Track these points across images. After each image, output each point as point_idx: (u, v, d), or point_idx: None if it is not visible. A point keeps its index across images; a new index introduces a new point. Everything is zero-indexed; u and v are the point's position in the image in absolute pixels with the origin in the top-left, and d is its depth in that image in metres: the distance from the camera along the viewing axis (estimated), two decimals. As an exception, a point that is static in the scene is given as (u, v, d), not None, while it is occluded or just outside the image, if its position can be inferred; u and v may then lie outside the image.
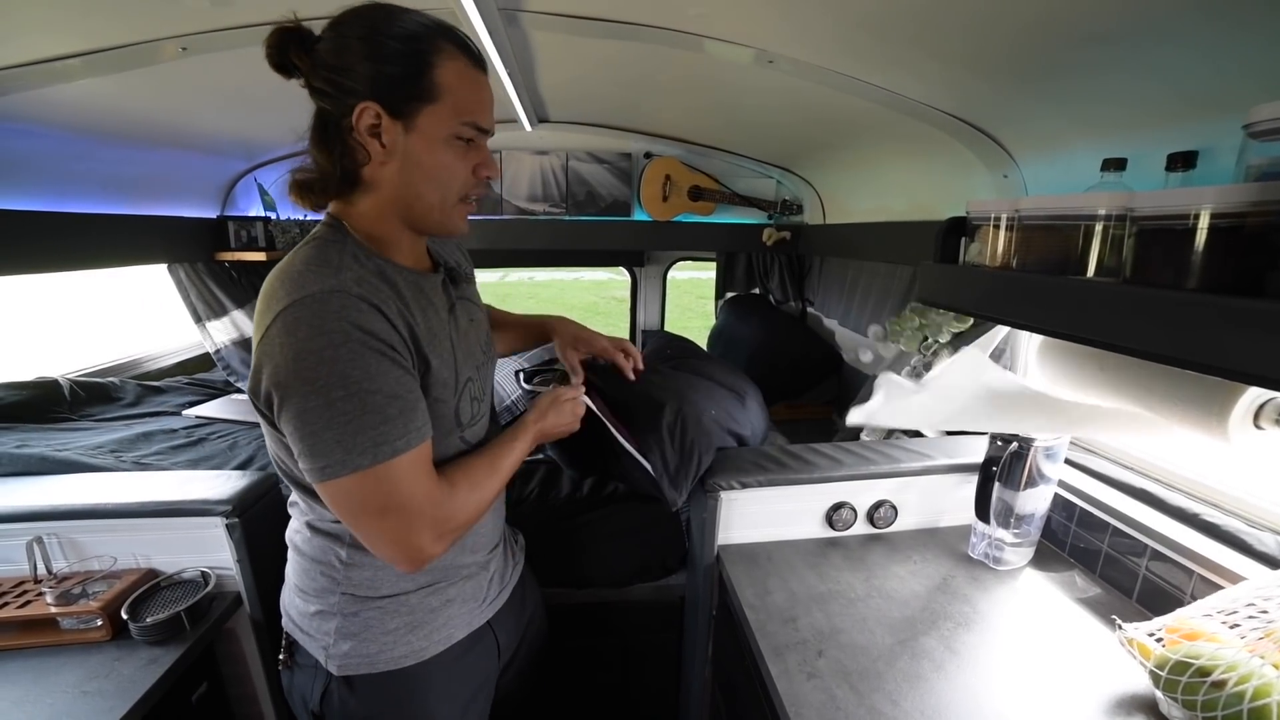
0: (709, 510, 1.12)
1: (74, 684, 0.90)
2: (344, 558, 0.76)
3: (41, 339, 2.15)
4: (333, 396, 0.58)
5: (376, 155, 0.65)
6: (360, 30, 0.62)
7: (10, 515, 1.05)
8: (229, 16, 1.01)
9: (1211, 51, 0.69)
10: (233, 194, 2.22)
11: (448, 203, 0.69)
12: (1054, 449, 1.02)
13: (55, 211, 1.49)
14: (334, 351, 0.58)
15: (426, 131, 0.65)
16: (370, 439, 0.60)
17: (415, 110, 0.64)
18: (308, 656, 0.79)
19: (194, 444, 1.58)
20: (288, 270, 0.64)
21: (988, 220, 0.90)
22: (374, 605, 0.76)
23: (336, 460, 0.60)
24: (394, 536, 0.65)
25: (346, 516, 0.65)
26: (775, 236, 2.28)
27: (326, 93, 0.63)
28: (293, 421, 0.60)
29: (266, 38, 0.63)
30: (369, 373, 0.60)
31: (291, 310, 0.59)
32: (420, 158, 0.65)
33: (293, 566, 0.81)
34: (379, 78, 0.62)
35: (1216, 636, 0.73)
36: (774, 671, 0.82)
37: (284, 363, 0.59)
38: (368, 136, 0.63)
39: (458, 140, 0.67)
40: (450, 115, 0.65)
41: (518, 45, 1.24)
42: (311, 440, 0.60)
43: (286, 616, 0.83)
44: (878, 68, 1.11)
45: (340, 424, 0.59)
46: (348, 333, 0.59)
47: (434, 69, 0.63)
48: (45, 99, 1.16)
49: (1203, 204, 0.57)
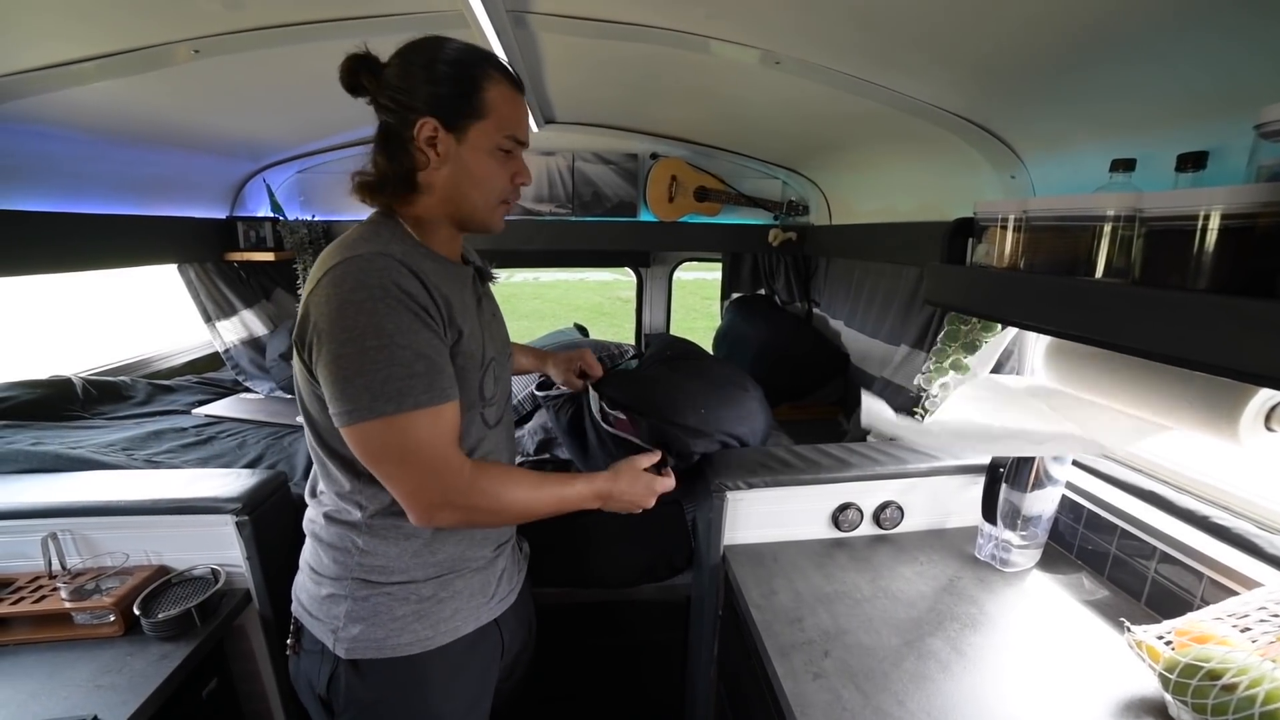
0: (715, 510, 1.12)
1: (88, 678, 0.91)
2: (360, 545, 0.78)
3: (55, 338, 2.17)
4: (366, 345, 0.65)
5: (433, 162, 0.74)
6: (422, 58, 0.73)
7: (26, 511, 1.07)
8: (241, 19, 1.02)
9: (1222, 51, 0.68)
10: (242, 195, 2.24)
11: (490, 204, 0.79)
12: (1062, 450, 1.01)
13: (69, 213, 1.51)
14: (373, 305, 0.65)
15: (475, 143, 0.75)
16: (397, 389, 0.66)
17: (467, 125, 0.74)
18: (314, 641, 0.81)
19: (204, 442, 1.60)
20: (343, 240, 0.73)
21: (995, 221, 0.90)
22: (384, 590, 0.79)
23: (364, 405, 0.66)
24: (409, 486, 0.70)
25: (368, 460, 0.70)
26: (781, 237, 2.28)
27: (391, 109, 0.74)
28: (329, 366, 0.66)
29: (341, 63, 0.74)
30: (402, 328, 0.66)
31: (341, 266, 0.67)
32: (469, 165, 0.75)
33: (308, 551, 0.84)
34: (437, 97, 0.72)
35: (1227, 640, 0.72)
36: (780, 671, 0.82)
37: (327, 311, 0.66)
38: (426, 146, 0.73)
39: (500, 151, 0.77)
40: (495, 130, 0.75)
41: (525, 47, 1.24)
42: (343, 384, 0.66)
43: (296, 602, 0.85)
44: (884, 68, 1.11)
45: (370, 371, 0.65)
46: (387, 289, 0.66)
47: (483, 91, 0.74)
48: (60, 102, 1.18)
49: (1213, 204, 0.57)
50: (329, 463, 0.77)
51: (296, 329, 0.70)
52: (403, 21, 1.08)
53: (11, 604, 1.00)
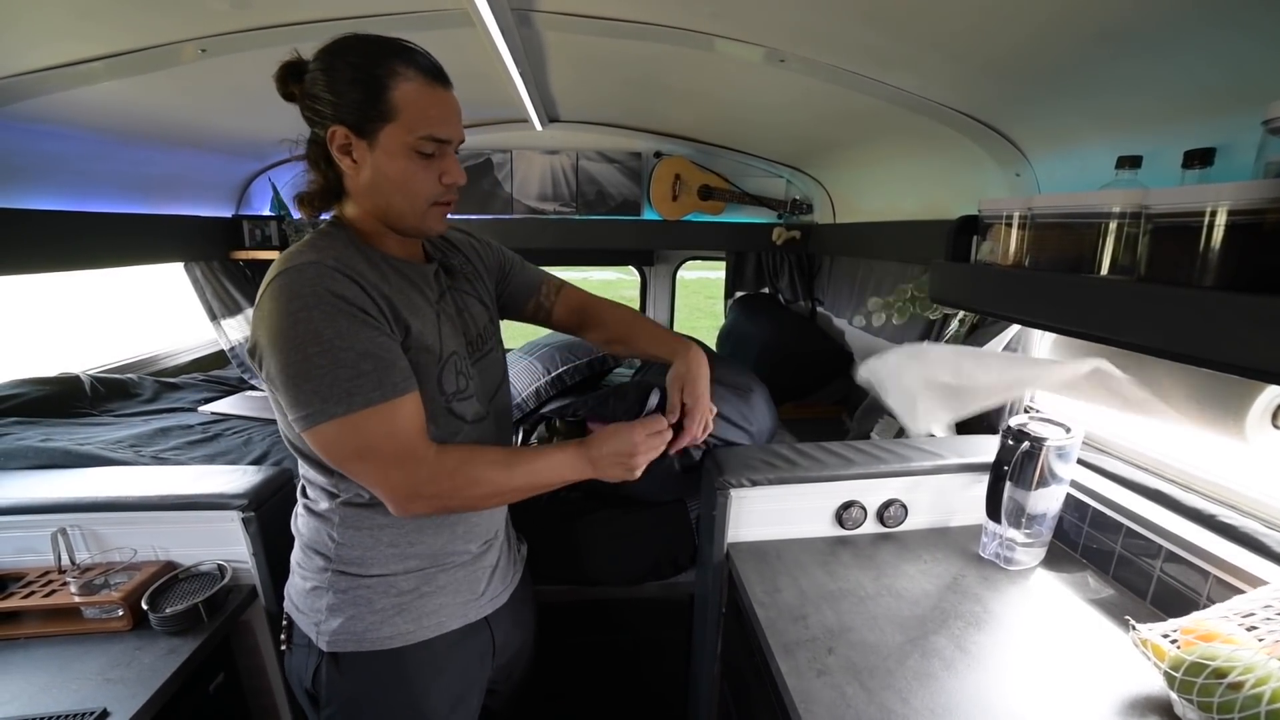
0: (718, 508, 1.12)
1: (97, 671, 0.92)
2: (335, 537, 0.80)
3: (64, 336, 2.19)
4: (309, 352, 0.65)
5: (350, 170, 0.73)
6: (323, 63, 0.71)
7: (36, 507, 1.08)
8: (248, 18, 1.03)
9: (1230, 46, 0.68)
10: (247, 194, 2.25)
11: (417, 208, 0.75)
12: (1066, 448, 1.01)
13: (77, 211, 1.52)
14: (308, 313, 0.65)
15: (388, 147, 0.71)
16: (345, 390, 0.66)
17: (377, 129, 0.70)
18: (302, 636, 0.82)
19: (210, 439, 1.61)
20: (285, 254, 0.72)
21: (1000, 218, 0.90)
22: (363, 584, 0.80)
23: (316, 409, 0.66)
24: (374, 479, 0.71)
25: (332, 461, 0.72)
26: (785, 236, 2.27)
27: (311, 118, 0.73)
28: (277, 377, 0.67)
29: (278, 71, 0.73)
30: (340, 332, 0.66)
31: (277, 280, 0.67)
32: (385, 170, 0.72)
33: (295, 547, 0.86)
34: (343, 103, 0.70)
35: (1233, 638, 0.72)
36: (784, 668, 0.83)
37: (268, 325, 0.66)
38: (340, 154, 0.72)
39: (418, 153, 0.72)
40: (406, 131, 0.70)
41: (530, 45, 1.25)
42: (294, 392, 0.67)
43: (287, 599, 0.86)
44: (889, 65, 1.10)
45: (316, 376, 0.66)
46: (321, 296, 0.66)
47: (388, 90, 0.69)
48: (68, 101, 1.19)
49: (1221, 201, 0.56)
50: (300, 460, 0.80)
51: (248, 345, 0.71)
52: (408, 20, 1.08)
53: (22, 598, 1.01)
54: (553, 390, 1.82)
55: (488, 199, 2.33)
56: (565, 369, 1.83)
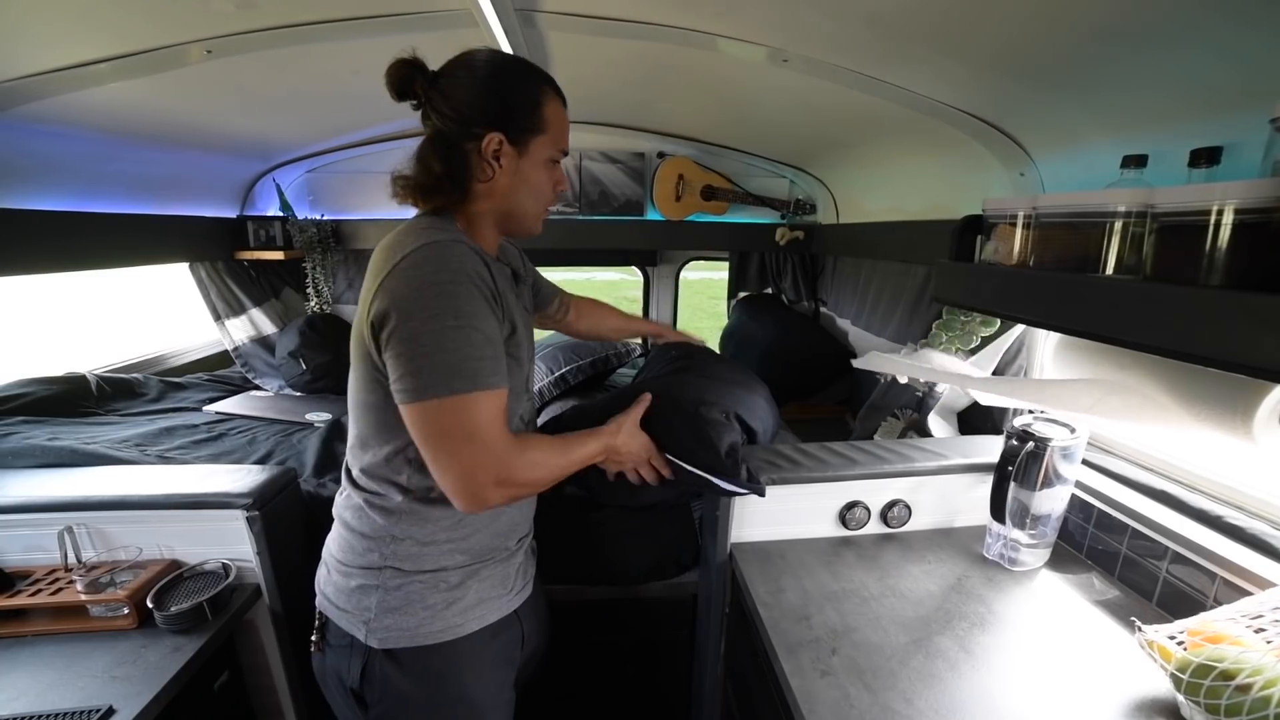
0: (721, 508, 1.12)
1: (103, 669, 0.93)
2: (396, 533, 0.80)
3: (70, 336, 2.20)
4: (445, 324, 0.67)
5: (494, 173, 0.78)
6: (487, 73, 0.77)
7: (43, 505, 1.08)
8: (253, 19, 1.04)
9: (1237, 45, 0.68)
10: (252, 194, 2.26)
11: (539, 211, 0.85)
12: (1071, 449, 1.01)
13: (83, 212, 1.53)
14: (454, 287, 0.68)
15: (534, 156, 0.80)
16: (471, 369, 0.68)
17: (528, 139, 0.79)
18: (342, 635, 0.81)
19: (215, 439, 1.62)
20: (409, 230, 0.74)
21: (1005, 218, 0.89)
22: (417, 579, 0.80)
23: (440, 381, 0.67)
24: (466, 466, 0.70)
25: (430, 437, 0.70)
26: (788, 236, 2.27)
27: (451, 118, 0.76)
28: (405, 342, 0.67)
29: (391, 67, 0.75)
30: (477, 312, 0.70)
31: (421, 250, 0.69)
32: (527, 176, 0.80)
33: (338, 543, 0.84)
34: (504, 113, 0.76)
35: (1241, 640, 0.71)
36: (787, 669, 0.82)
37: (409, 292, 0.68)
38: (491, 158, 0.77)
39: (551, 162, 0.83)
40: (551, 144, 0.81)
41: (534, 45, 1.25)
42: (421, 360, 0.67)
43: (321, 596, 0.85)
44: (892, 65, 1.10)
45: (449, 349, 0.67)
46: (467, 273, 0.70)
47: (542, 107, 0.79)
48: (77, 103, 1.20)
49: (1227, 199, 0.56)
50: (379, 447, 0.78)
51: (368, 311, 0.70)
52: (413, 21, 1.08)
53: (30, 596, 1.02)
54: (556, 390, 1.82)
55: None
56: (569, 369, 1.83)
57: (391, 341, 0.69)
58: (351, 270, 2.49)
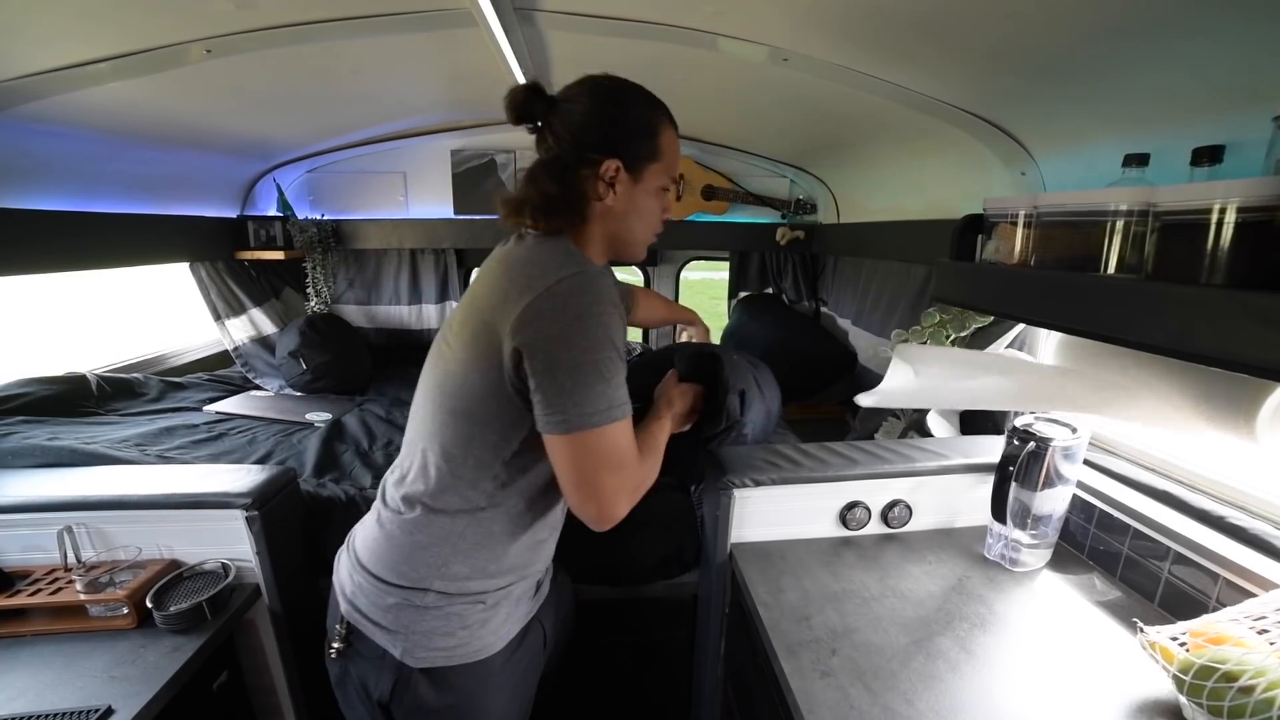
0: (722, 508, 1.12)
1: (103, 669, 0.93)
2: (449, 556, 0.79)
3: (71, 335, 2.21)
4: (603, 355, 0.68)
5: (609, 198, 0.79)
6: (609, 100, 0.78)
7: (43, 505, 1.08)
8: (252, 19, 1.04)
9: (1239, 43, 0.67)
10: (252, 194, 2.26)
11: (647, 237, 0.85)
12: (1072, 449, 1.00)
13: (83, 212, 1.53)
14: (608, 320, 0.70)
15: (648, 184, 0.81)
16: (620, 398, 0.71)
17: (644, 167, 0.79)
18: (374, 649, 0.80)
19: (215, 439, 1.62)
20: (544, 252, 0.75)
21: (1006, 217, 0.89)
22: (460, 601, 0.80)
23: (600, 412, 0.68)
24: (610, 491, 0.71)
25: (583, 467, 0.70)
26: (789, 235, 2.27)
27: (569, 142, 0.77)
28: (566, 374, 0.67)
29: (513, 91, 0.77)
30: (620, 342, 0.72)
31: (574, 279, 0.70)
32: (640, 203, 0.81)
33: (378, 557, 0.81)
34: (624, 140, 0.77)
35: (1244, 641, 0.71)
36: (787, 669, 0.82)
37: (565, 320, 0.68)
38: (604, 184, 0.78)
39: (662, 190, 0.83)
40: (664, 172, 0.82)
41: (533, 45, 1.25)
42: (583, 392, 0.68)
43: (350, 606, 0.82)
44: (893, 64, 1.10)
45: (606, 378, 0.69)
46: (615, 304, 0.72)
47: (659, 136, 0.80)
48: (76, 102, 1.20)
49: (1230, 197, 0.56)
50: (465, 460, 0.76)
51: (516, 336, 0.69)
52: (412, 20, 1.08)
53: (29, 595, 1.02)
54: None
55: (491, 199, 2.34)
56: None
57: (551, 374, 0.68)
58: (352, 270, 2.49)
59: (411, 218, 2.38)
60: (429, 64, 1.39)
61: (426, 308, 2.55)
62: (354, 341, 2.32)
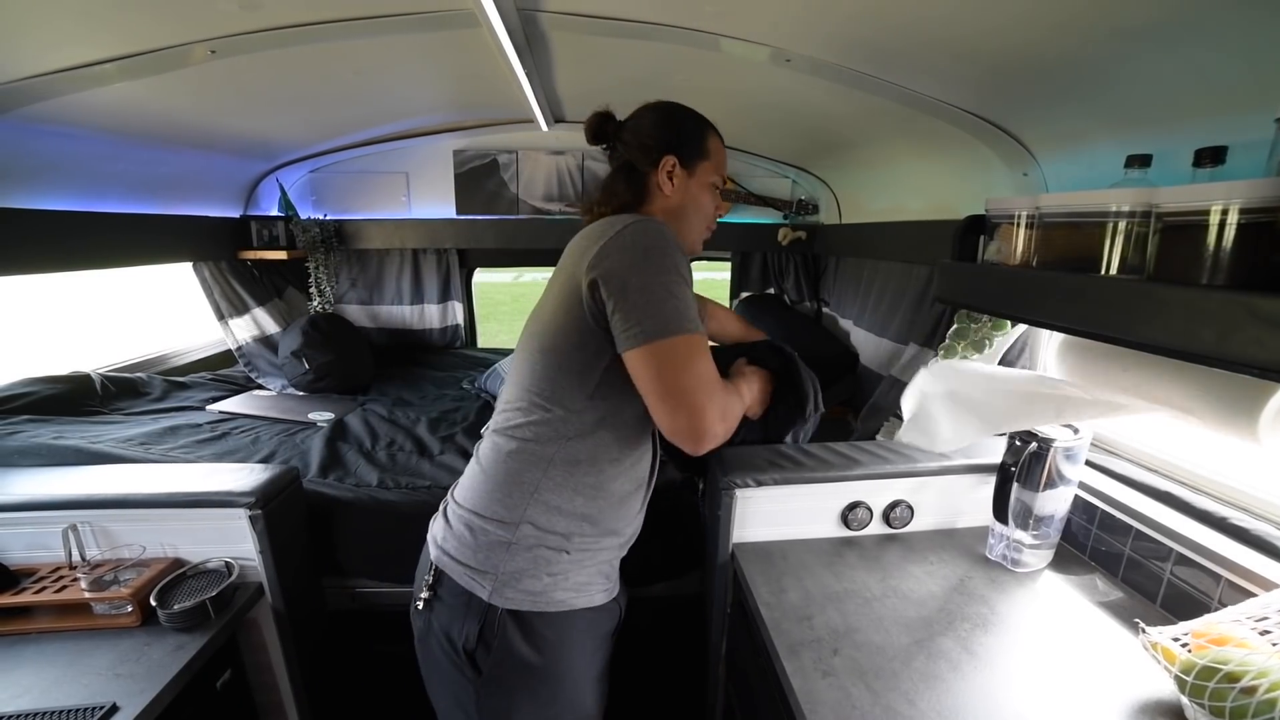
0: (724, 508, 1.12)
1: (107, 666, 0.93)
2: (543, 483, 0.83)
3: (75, 335, 2.22)
4: (671, 279, 0.78)
5: (668, 190, 0.93)
6: (666, 114, 0.96)
7: (48, 503, 1.09)
8: (257, 19, 1.04)
9: (1243, 44, 0.67)
10: (255, 194, 2.27)
11: (701, 230, 0.99)
12: (1074, 450, 1.00)
13: (88, 211, 1.54)
14: (673, 253, 0.80)
15: (700, 179, 0.95)
16: (693, 314, 0.78)
17: (696, 163, 0.94)
18: (459, 593, 0.83)
19: (219, 438, 1.62)
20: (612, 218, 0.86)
21: (1007, 218, 0.89)
22: (549, 541, 0.84)
23: (674, 322, 0.76)
24: (698, 401, 0.76)
25: (665, 375, 0.76)
26: (790, 236, 2.27)
27: (636, 149, 0.94)
28: (637, 293, 0.77)
29: (590, 118, 0.97)
30: (685, 274, 0.81)
31: (642, 222, 0.82)
32: (695, 195, 0.96)
33: (475, 493, 0.87)
34: (678, 140, 0.93)
35: (1246, 642, 0.71)
36: (789, 669, 0.82)
37: (635, 251, 0.79)
38: (665, 177, 0.93)
39: (713, 188, 0.98)
40: (714, 170, 0.96)
41: (536, 45, 1.25)
42: (656, 306, 0.76)
43: (439, 551, 0.87)
44: (895, 65, 1.10)
45: (677, 298, 0.77)
46: (675, 242, 0.82)
47: (706, 139, 0.96)
48: (82, 103, 1.20)
49: (1232, 199, 0.56)
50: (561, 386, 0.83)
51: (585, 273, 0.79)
52: (416, 21, 1.09)
53: (34, 593, 1.02)
54: None
55: (493, 199, 2.34)
56: None
57: (621, 294, 0.77)
58: (354, 270, 2.50)
59: (414, 218, 2.38)
60: (432, 64, 1.40)
61: (429, 307, 2.55)
62: (356, 341, 2.32)
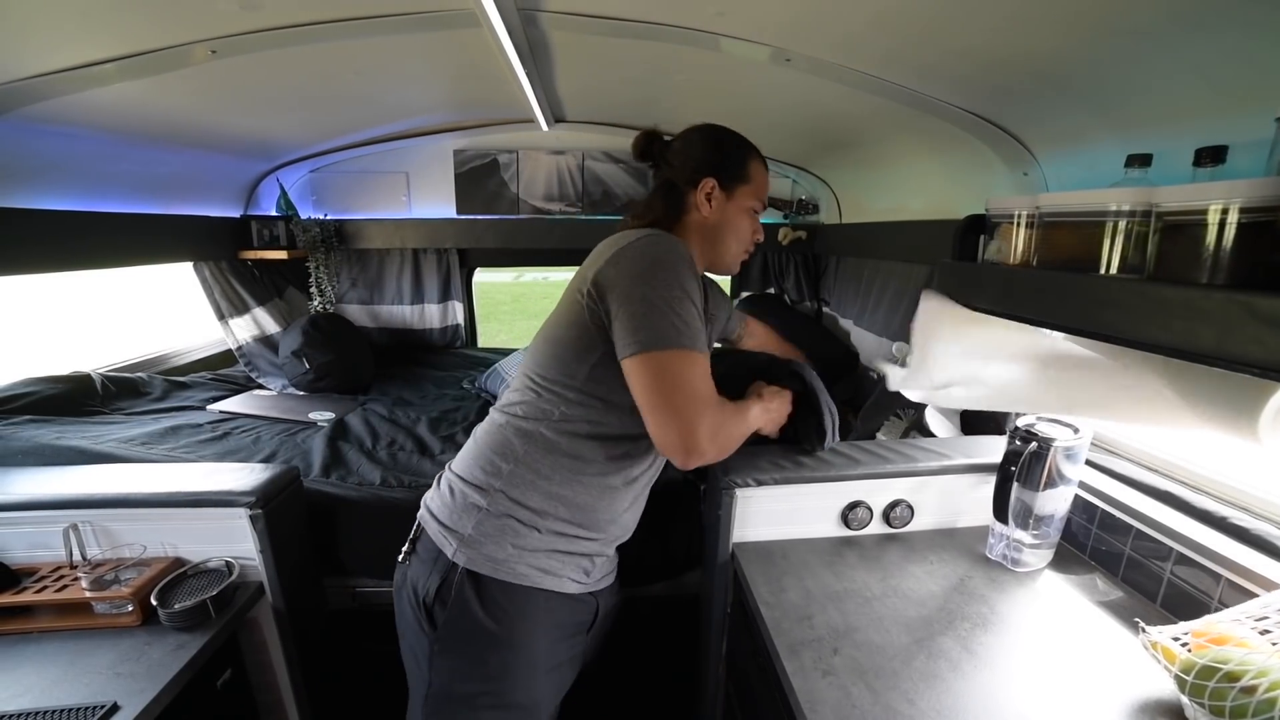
0: (724, 507, 1.12)
1: (107, 666, 0.93)
2: (521, 455, 0.87)
3: (75, 335, 2.22)
4: (674, 294, 0.79)
5: (705, 211, 0.95)
6: (710, 137, 0.97)
7: (49, 503, 1.09)
8: (257, 20, 1.04)
9: (1243, 43, 0.67)
10: (255, 194, 2.27)
11: (738, 252, 1.00)
12: (1074, 450, 1.00)
13: (88, 211, 1.54)
14: (680, 268, 0.81)
15: (739, 202, 0.96)
16: (693, 332, 0.79)
17: (736, 187, 0.95)
18: (431, 549, 0.88)
19: (219, 438, 1.62)
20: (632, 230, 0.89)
21: (1008, 218, 0.89)
22: (520, 512, 0.86)
23: (670, 336, 0.77)
24: (689, 418, 0.77)
25: (658, 388, 0.78)
26: (791, 236, 2.27)
27: (678, 168, 0.95)
28: (639, 303, 0.78)
29: (636, 138, 0.98)
30: (691, 291, 0.81)
31: (651, 236, 0.85)
32: (733, 217, 0.96)
33: (462, 459, 0.93)
34: (719, 163, 0.94)
35: (1246, 642, 0.71)
36: (789, 669, 0.82)
37: (642, 263, 0.81)
38: (703, 198, 0.94)
39: (752, 211, 0.98)
40: (753, 194, 0.97)
41: (536, 45, 1.25)
42: (655, 318, 0.78)
43: (425, 510, 0.93)
44: (895, 65, 1.10)
45: (676, 313, 0.79)
46: (685, 258, 0.83)
47: (748, 164, 0.97)
48: (83, 103, 1.21)
49: (1232, 199, 0.56)
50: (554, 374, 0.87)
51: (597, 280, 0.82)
52: (416, 20, 1.09)
53: (35, 593, 1.02)
54: None
55: (494, 199, 2.34)
56: None
57: (624, 303, 0.79)
58: (354, 269, 2.50)
59: (414, 217, 2.38)
60: (432, 64, 1.40)
61: (429, 307, 2.55)
62: (357, 341, 2.33)
